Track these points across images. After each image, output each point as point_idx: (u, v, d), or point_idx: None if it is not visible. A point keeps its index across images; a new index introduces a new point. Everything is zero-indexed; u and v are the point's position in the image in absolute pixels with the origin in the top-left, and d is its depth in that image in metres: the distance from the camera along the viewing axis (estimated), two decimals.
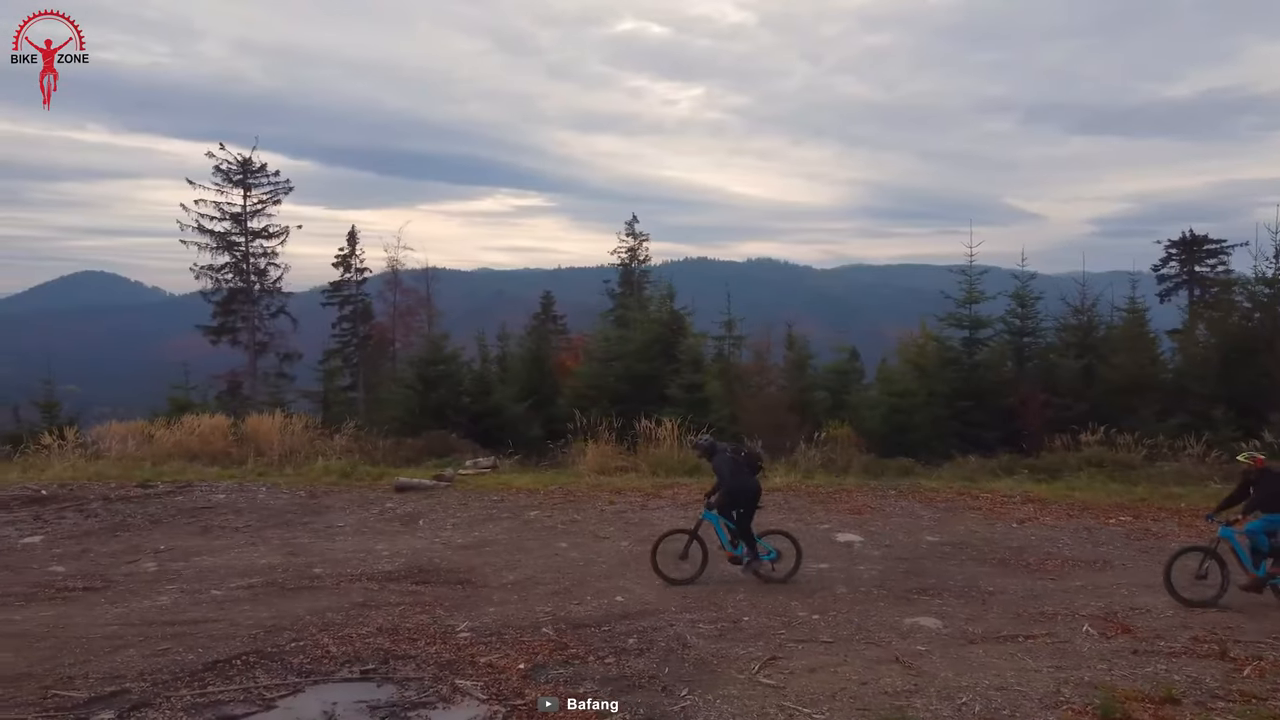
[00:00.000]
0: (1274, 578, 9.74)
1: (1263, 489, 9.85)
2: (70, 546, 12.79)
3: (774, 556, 10.58)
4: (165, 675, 8.10)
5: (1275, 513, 9.76)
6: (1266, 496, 9.81)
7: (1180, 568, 9.97)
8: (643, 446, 17.98)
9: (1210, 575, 9.85)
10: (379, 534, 13.35)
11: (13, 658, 8.58)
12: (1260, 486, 9.89)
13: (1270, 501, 9.79)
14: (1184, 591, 9.84)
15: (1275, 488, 9.81)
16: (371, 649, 8.69)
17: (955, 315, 22.58)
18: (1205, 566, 9.87)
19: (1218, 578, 9.82)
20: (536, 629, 9.23)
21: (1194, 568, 9.97)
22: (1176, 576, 9.90)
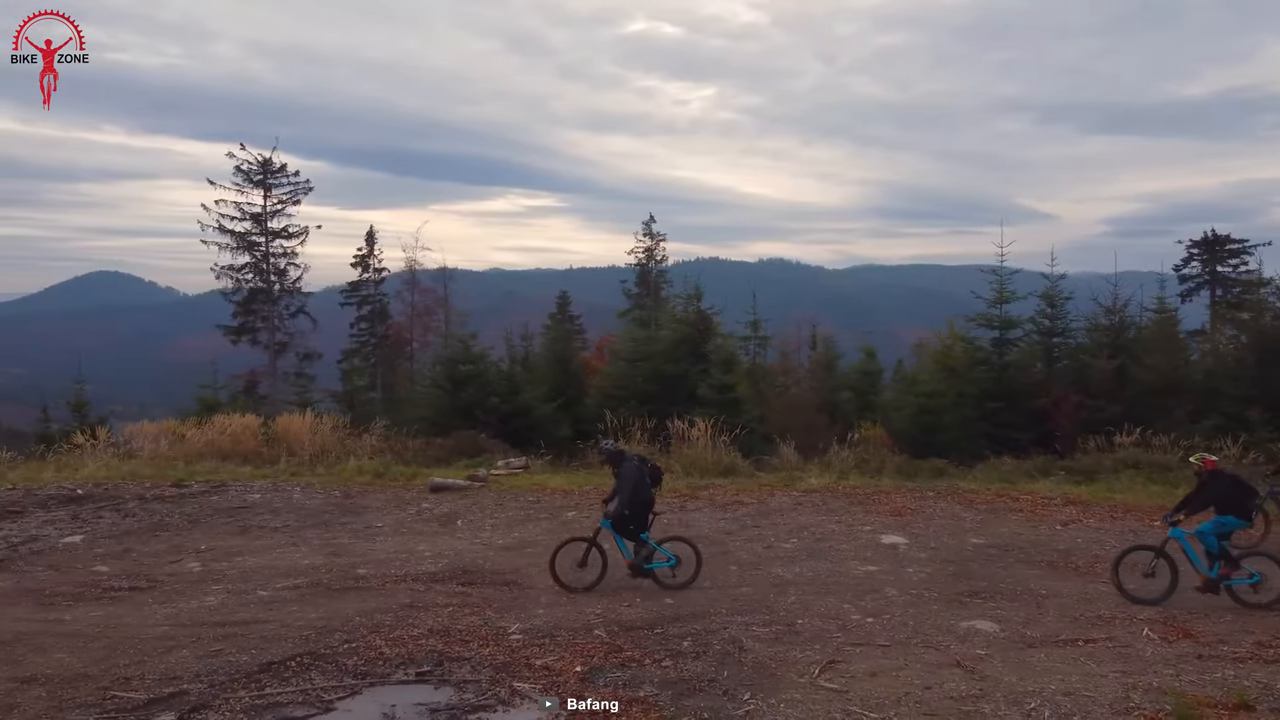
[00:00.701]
0: (1227, 578, 9.80)
1: (1213, 490, 9.93)
2: (112, 546, 12.79)
3: (674, 563, 10.48)
4: (221, 676, 8.08)
5: (1226, 514, 9.84)
6: (1216, 498, 9.88)
7: (1129, 564, 10.09)
8: (675, 447, 17.89)
9: (1159, 574, 9.92)
10: (418, 534, 13.31)
11: (68, 658, 8.58)
12: (1210, 488, 9.97)
13: (1220, 503, 9.86)
14: (1130, 587, 9.96)
15: (1225, 489, 9.90)
16: (425, 651, 8.65)
17: (985, 315, 22.39)
18: (1154, 565, 9.97)
19: (1166, 576, 9.88)
20: (588, 631, 9.17)
21: (1143, 565, 10.06)
22: (1124, 572, 10.04)
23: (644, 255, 53.69)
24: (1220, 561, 9.79)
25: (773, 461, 18.32)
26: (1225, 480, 10.01)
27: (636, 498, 10.41)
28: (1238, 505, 9.88)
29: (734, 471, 17.33)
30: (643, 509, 10.52)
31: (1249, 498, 10.05)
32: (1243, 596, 9.76)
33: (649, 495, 10.56)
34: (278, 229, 43.02)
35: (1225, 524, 9.84)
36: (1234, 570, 9.78)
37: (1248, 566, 9.80)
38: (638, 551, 10.51)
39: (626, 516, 10.43)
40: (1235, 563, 9.80)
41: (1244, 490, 10.03)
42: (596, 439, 19.44)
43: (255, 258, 42.83)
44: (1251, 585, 9.72)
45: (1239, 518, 9.90)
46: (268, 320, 43.07)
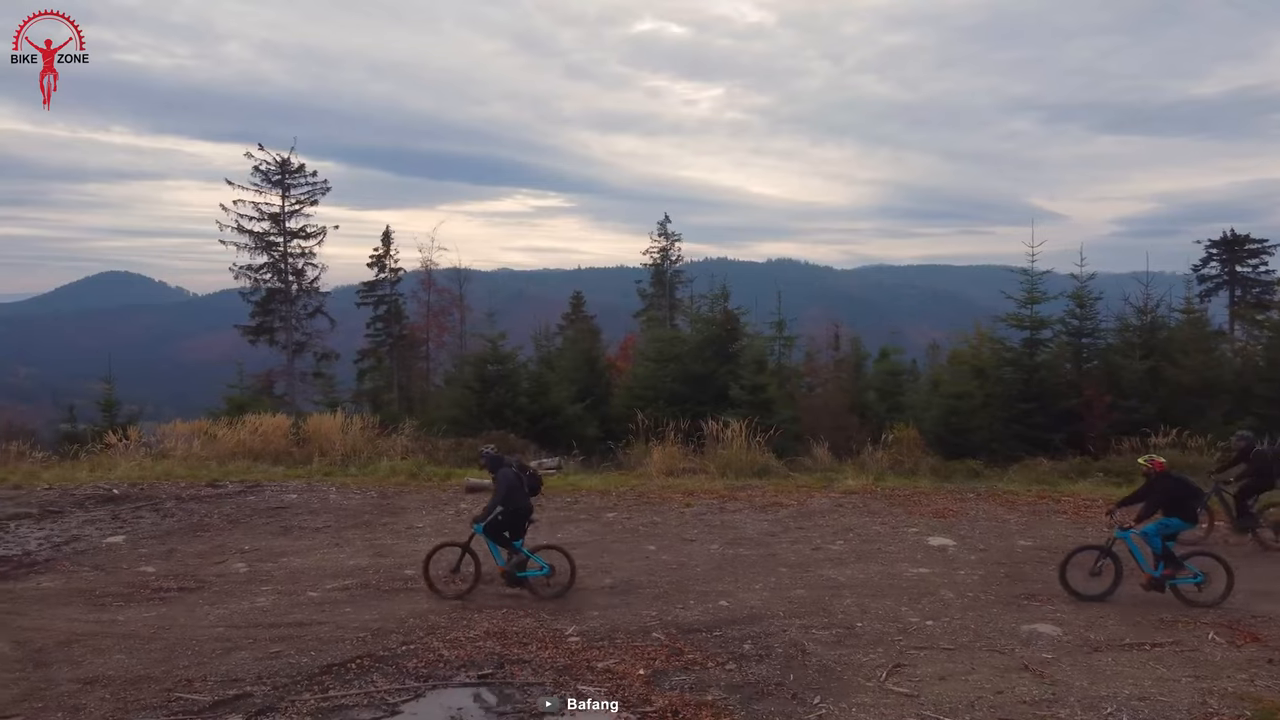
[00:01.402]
0: (1172, 579, 9.91)
1: (1161, 492, 10.04)
2: (155, 546, 12.76)
3: (548, 572, 10.39)
4: (283, 678, 8.03)
5: (1172, 516, 9.95)
6: (1164, 500, 9.99)
7: (1076, 563, 10.17)
8: (709, 448, 17.81)
9: (1104, 572, 10.07)
10: (460, 535, 13.21)
11: (126, 659, 8.55)
12: (1159, 489, 10.08)
13: (1167, 505, 9.97)
14: (1077, 586, 10.05)
15: (1172, 491, 10.01)
16: (483, 653, 8.59)
17: (1016, 316, 22.25)
18: (1100, 564, 10.09)
19: (1111, 574, 10.04)
20: (646, 633, 9.10)
21: (1089, 564, 10.14)
22: (1071, 572, 10.12)
23: (659, 255, 53.75)
24: (1165, 562, 9.93)
25: (805, 462, 18.23)
26: (1173, 482, 10.13)
27: (511, 504, 10.35)
28: (1184, 507, 10.03)
29: (768, 472, 17.24)
30: (518, 516, 10.46)
31: (1195, 499, 10.29)
32: (1187, 596, 9.88)
33: (525, 503, 10.51)
34: (295, 229, 43.12)
35: (1171, 525, 9.98)
36: (1178, 570, 9.92)
37: (1192, 566, 9.92)
38: (510, 558, 10.44)
39: (500, 522, 10.36)
40: (1180, 563, 9.92)
41: (1190, 492, 10.19)
42: (628, 439, 19.44)
43: (273, 258, 42.92)
44: (1196, 585, 9.87)
45: (1185, 519, 10.05)
46: (285, 320, 43.15)
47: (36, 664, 8.47)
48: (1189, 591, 9.87)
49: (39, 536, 13.25)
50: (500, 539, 10.45)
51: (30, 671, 8.29)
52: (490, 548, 10.53)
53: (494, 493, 10.43)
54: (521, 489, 10.46)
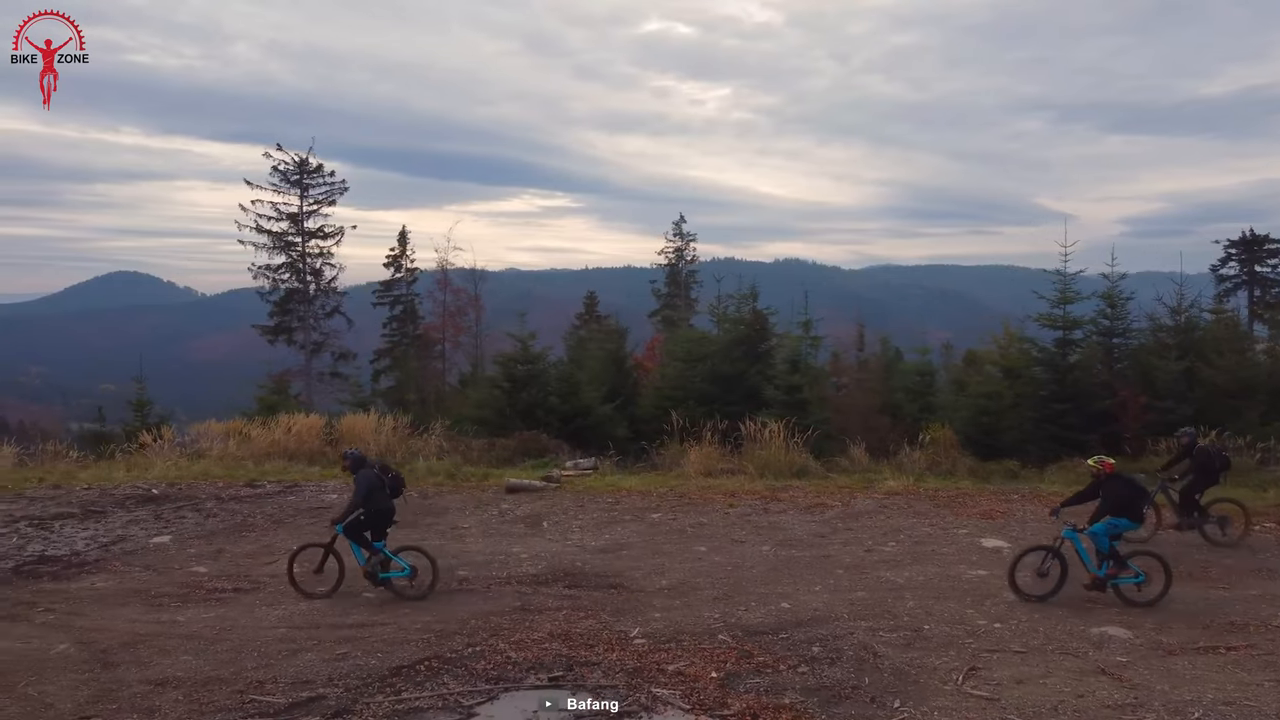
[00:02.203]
0: (1114, 578, 9.97)
1: (1109, 492, 10.10)
2: (203, 547, 12.73)
3: (409, 573, 10.37)
4: (354, 680, 7.99)
5: (1119, 516, 10.02)
6: (1112, 500, 10.03)
7: (1025, 565, 10.15)
8: (748, 449, 17.72)
9: (1050, 572, 10.08)
10: (507, 536, 13.21)
11: (193, 660, 8.52)
12: (1107, 490, 10.13)
13: (1116, 505, 10.02)
14: (1024, 586, 10.04)
15: (1121, 492, 10.07)
16: (550, 655, 8.54)
17: (1049, 315, 22.12)
18: (1047, 564, 10.10)
19: (1056, 574, 10.05)
20: (712, 636, 9.04)
21: (1037, 565, 10.13)
22: (1020, 572, 10.11)
23: (674, 255, 53.70)
24: (1109, 561, 9.99)
25: (842, 463, 18.15)
26: (1121, 483, 10.18)
27: (372, 505, 10.35)
28: (1131, 507, 10.08)
29: (807, 473, 17.17)
30: (380, 518, 10.48)
31: (1141, 500, 10.30)
32: (1127, 595, 9.92)
33: (387, 505, 10.52)
34: (313, 229, 43.17)
35: (1118, 525, 10.04)
36: (1121, 570, 9.96)
37: (1134, 566, 9.96)
38: (370, 559, 10.43)
39: (361, 523, 10.36)
40: (1123, 562, 9.96)
41: (1137, 492, 10.24)
42: (662, 439, 19.36)
43: (291, 258, 42.96)
44: (1136, 584, 9.92)
45: (1131, 519, 10.11)
46: (303, 320, 43.18)
47: (104, 665, 8.44)
48: (1129, 591, 9.93)
49: (85, 536, 13.23)
50: (361, 540, 10.47)
51: (99, 672, 8.26)
52: (352, 548, 10.52)
53: (354, 493, 10.44)
54: (383, 490, 10.51)
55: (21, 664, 8.42)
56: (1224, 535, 12.60)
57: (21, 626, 9.53)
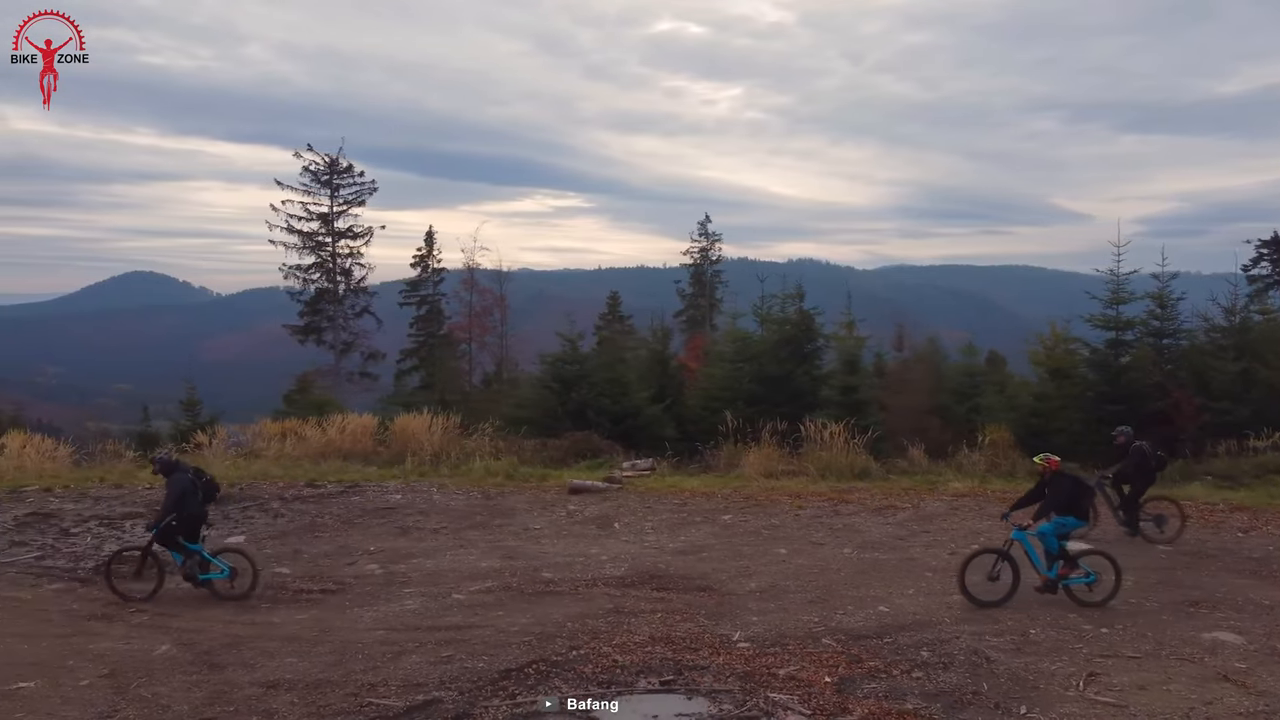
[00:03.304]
0: (1066, 579, 9.84)
1: (1056, 490, 9.99)
2: (278, 547, 12.70)
3: (228, 574, 10.35)
4: (465, 683, 7.93)
5: (1066, 514, 9.92)
6: (1059, 498, 9.92)
7: (974, 569, 9.92)
8: (809, 450, 17.62)
9: (1002, 576, 9.88)
10: (581, 537, 13.14)
11: (299, 662, 8.47)
12: (1053, 488, 10.02)
13: (1062, 503, 9.91)
14: (976, 593, 9.83)
15: (1067, 489, 9.97)
16: (656, 658, 8.46)
17: (1102, 316, 21.96)
18: (998, 568, 9.89)
19: (1009, 578, 9.85)
20: (815, 640, 8.95)
21: (988, 569, 9.91)
22: (970, 578, 9.86)
23: (699, 255, 53.57)
24: (1059, 561, 9.86)
25: (901, 464, 18.03)
26: (1067, 481, 10.08)
27: (183, 509, 10.31)
28: (1077, 506, 10.01)
29: (868, 474, 17.06)
30: (192, 521, 10.44)
31: (1088, 498, 10.28)
32: (1079, 596, 9.82)
33: (198, 510, 10.50)
34: (343, 229, 43.29)
35: (1066, 524, 9.94)
36: (1072, 570, 9.85)
37: (1084, 566, 9.86)
38: (187, 561, 10.41)
39: (173, 527, 10.31)
40: (1073, 562, 9.85)
41: (1083, 490, 10.18)
42: (716, 440, 19.27)
43: (321, 258, 43.07)
44: (1087, 585, 9.82)
45: (1078, 518, 10.04)
46: (333, 320, 43.29)
47: (210, 666, 8.40)
48: (1080, 591, 9.84)
49: None
50: (174, 543, 10.44)
51: (207, 674, 8.22)
52: (173, 554, 10.49)
53: (165, 498, 10.42)
54: (195, 495, 10.48)
55: (128, 664, 8.40)
56: (1161, 533, 12.65)
57: (118, 627, 9.52)
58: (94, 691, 7.84)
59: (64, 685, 7.96)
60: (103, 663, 8.44)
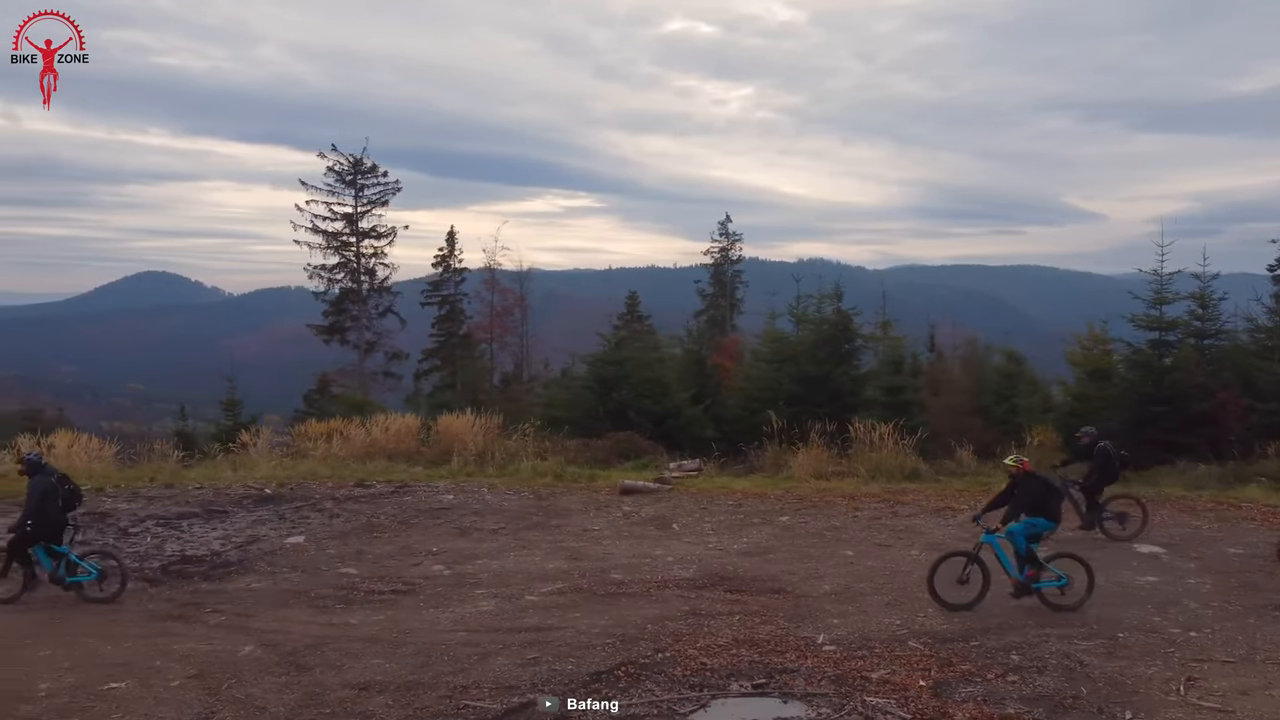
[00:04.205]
0: (1036, 581, 9.73)
1: (1026, 492, 9.86)
2: (340, 548, 12.67)
3: (95, 576, 10.27)
4: (557, 686, 7.89)
5: (1035, 516, 9.78)
6: (1028, 500, 9.80)
7: (944, 572, 9.82)
8: (858, 451, 17.52)
9: (972, 579, 9.76)
10: (642, 538, 13.09)
11: (386, 664, 8.44)
12: (1023, 490, 9.90)
13: (1032, 505, 9.78)
14: (946, 596, 9.74)
15: (1036, 491, 9.85)
16: (744, 661, 8.41)
17: (1145, 316, 21.81)
18: (967, 571, 9.78)
19: (978, 581, 9.74)
20: (901, 643, 8.89)
21: (957, 572, 9.79)
22: (939, 581, 9.77)
23: (719, 255, 53.48)
24: (1028, 565, 9.77)
25: (949, 465, 17.93)
26: (1037, 483, 9.98)
27: (42, 514, 10.16)
28: (1048, 507, 9.88)
29: (919, 475, 16.98)
30: (53, 527, 10.28)
31: (1058, 499, 10.13)
32: (1051, 600, 9.71)
33: (58, 516, 10.33)
34: (366, 229, 43.29)
35: (1036, 526, 9.82)
36: (1041, 573, 9.75)
37: (1055, 569, 9.77)
38: (56, 565, 10.28)
39: (31, 532, 10.14)
40: (1043, 565, 9.77)
41: (1053, 492, 10.06)
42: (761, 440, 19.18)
43: (345, 258, 43.10)
44: (1059, 588, 9.71)
45: (1049, 519, 9.90)
46: (356, 320, 43.31)
47: (296, 668, 8.37)
48: (1052, 595, 9.72)
49: (217, 536, 13.21)
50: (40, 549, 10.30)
51: (295, 675, 8.19)
52: (37, 553, 10.36)
53: (27, 501, 10.30)
54: (55, 500, 10.33)
55: (215, 666, 8.37)
56: (1123, 530, 12.66)
57: (197, 628, 9.49)
58: (186, 692, 7.82)
59: (155, 686, 7.94)
60: (189, 663, 8.42)
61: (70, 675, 8.19)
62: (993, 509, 10.15)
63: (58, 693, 7.83)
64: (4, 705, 7.61)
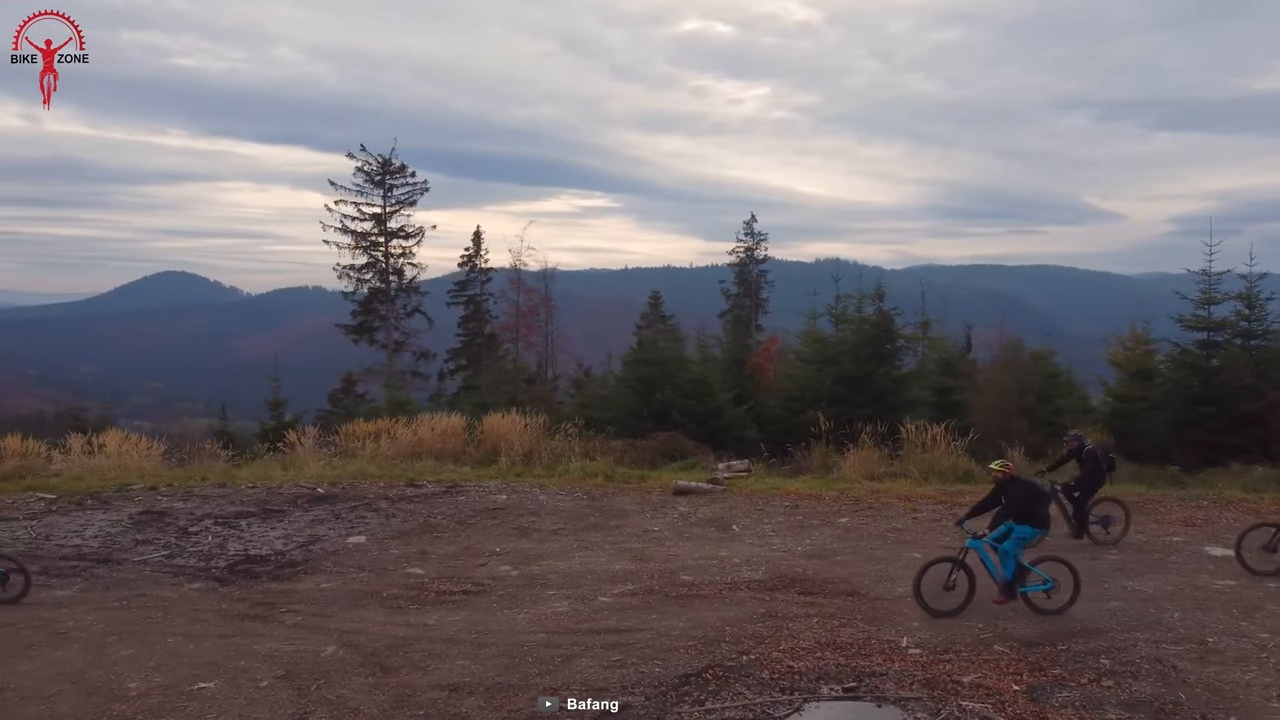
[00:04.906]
0: (1023, 586, 9.66)
1: (1011, 498, 9.76)
2: (403, 548, 12.65)
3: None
4: (648, 688, 7.86)
5: (1022, 523, 9.67)
6: (1014, 506, 9.69)
7: (930, 578, 9.70)
8: (909, 452, 17.41)
9: (958, 586, 9.66)
10: (703, 540, 13.01)
11: (471, 665, 8.42)
12: (1009, 496, 9.80)
13: (1018, 511, 9.67)
14: (932, 602, 9.63)
15: (1023, 497, 9.74)
16: (830, 665, 8.35)
17: (1194, 317, 21.63)
18: (953, 577, 9.69)
19: (964, 588, 9.65)
20: (987, 646, 8.80)
21: (943, 578, 9.68)
22: (926, 587, 9.66)
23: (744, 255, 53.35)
24: (1016, 570, 9.66)
25: None
26: (1022, 488, 9.88)
27: None
28: (1034, 513, 9.75)
29: (971, 477, 16.83)
30: None
31: (1044, 504, 10.01)
32: (1037, 604, 9.64)
33: None
34: (395, 229, 43.40)
35: (1023, 532, 9.70)
36: (1027, 578, 9.67)
37: (1041, 573, 9.66)
38: None
39: None
40: (1028, 570, 9.67)
41: (1040, 497, 9.98)
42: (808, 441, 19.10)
43: (374, 258, 43.22)
44: (1045, 591, 9.63)
45: (1035, 525, 9.78)
46: (385, 320, 43.42)
47: (382, 669, 8.36)
48: (1039, 599, 9.64)
49: (277, 535, 13.22)
50: None
51: (382, 676, 8.17)
52: None
53: None
54: None
55: (301, 666, 8.36)
56: (1107, 534, 12.51)
57: (275, 628, 9.49)
58: (276, 693, 7.81)
59: (244, 686, 7.94)
60: (275, 664, 8.42)
61: (157, 675, 8.20)
62: (976, 514, 10.04)
63: (149, 692, 7.85)
64: (99, 704, 7.63)
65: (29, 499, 15.29)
